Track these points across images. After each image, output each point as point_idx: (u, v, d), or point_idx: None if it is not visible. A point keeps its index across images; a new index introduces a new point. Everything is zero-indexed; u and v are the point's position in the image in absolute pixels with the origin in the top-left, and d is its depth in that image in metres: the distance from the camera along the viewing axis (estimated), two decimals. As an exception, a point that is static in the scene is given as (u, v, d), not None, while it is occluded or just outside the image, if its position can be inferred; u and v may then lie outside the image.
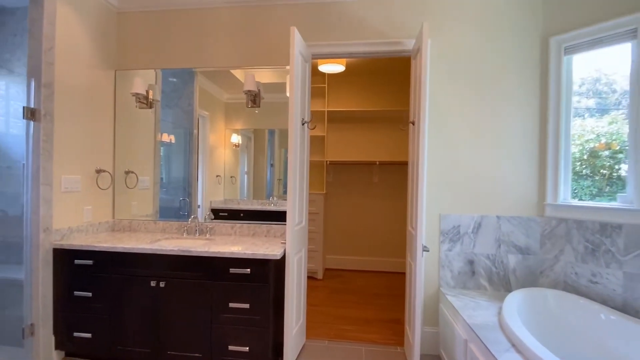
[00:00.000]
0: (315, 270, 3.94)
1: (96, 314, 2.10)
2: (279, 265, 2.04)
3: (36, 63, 2.02)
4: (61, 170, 2.16)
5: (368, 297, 3.41)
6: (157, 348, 2.05)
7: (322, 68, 3.76)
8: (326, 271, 4.32)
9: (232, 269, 1.97)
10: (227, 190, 2.67)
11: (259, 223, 2.53)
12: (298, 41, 2.03)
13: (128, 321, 2.07)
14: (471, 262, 2.30)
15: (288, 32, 2.44)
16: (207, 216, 2.59)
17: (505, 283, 2.28)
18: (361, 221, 4.44)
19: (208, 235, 2.49)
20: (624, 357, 1.64)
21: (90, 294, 2.10)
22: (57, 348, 2.14)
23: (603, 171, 2.13)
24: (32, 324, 2.03)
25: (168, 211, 2.67)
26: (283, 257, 2.04)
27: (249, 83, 2.44)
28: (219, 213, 2.62)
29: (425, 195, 2.30)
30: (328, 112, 4.22)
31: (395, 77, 4.26)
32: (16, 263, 2.38)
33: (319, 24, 2.45)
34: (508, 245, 2.27)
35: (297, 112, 2.05)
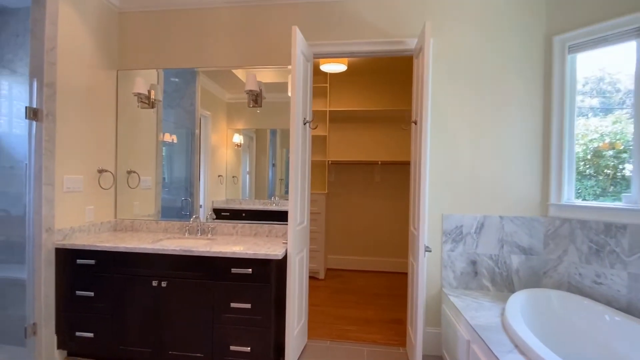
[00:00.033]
0: (316, 270, 3.93)
1: (98, 314, 2.10)
2: (281, 265, 2.04)
3: (38, 63, 2.02)
4: (63, 170, 2.17)
5: (370, 297, 3.40)
6: (159, 348, 2.05)
7: (324, 67, 3.75)
8: (328, 271, 4.31)
9: (234, 269, 1.97)
10: (229, 190, 2.67)
11: (261, 223, 2.52)
12: (300, 40, 2.03)
13: (130, 321, 2.08)
14: (474, 263, 2.29)
15: (290, 32, 2.43)
16: (209, 216, 2.59)
17: (508, 284, 2.27)
18: (363, 221, 4.43)
19: (210, 235, 2.49)
20: (629, 359, 1.62)
21: (92, 294, 2.10)
22: (60, 347, 2.15)
23: (607, 171, 2.12)
24: (35, 324, 2.04)
25: (170, 211, 2.67)
26: (285, 257, 2.04)
27: (251, 83, 2.43)
28: (221, 213, 2.62)
29: (427, 195, 2.30)
30: (330, 112, 4.21)
31: (397, 77, 4.25)
32: (19, 263, 2.38)
33: (321, 23, 2.45)
34: (511, 245, 2.26)
35: (299, 112, 2.05)
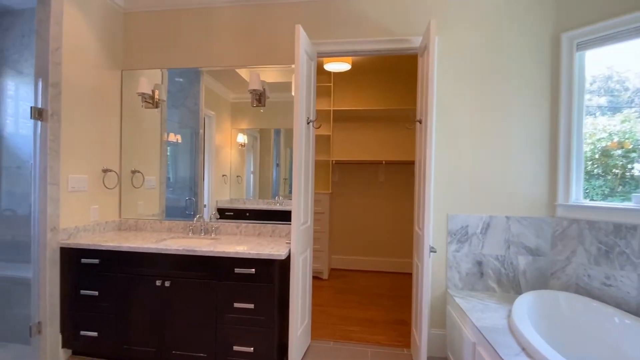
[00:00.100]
0: (320, 270, 3.92)
1: (102, 313, 2.11)
2: (284, 265, 2.03)
3: (43, 63, 2.03)
4: (68, 169, 2.17)
5: (373, 298, 3.38)
6: (162, 347, 2.05)
7: (328, 67, 3.74)
8: (331, 271, 4.30)
9: (237, 269, 1.97)
10: (233, 189, 2.67)
11: (265, 223, 2.52)
12: (303, 39, 2.01)
13: (134, 320, 2.08)
14: (479, 263, 2.26)
15: (293, 31, 2.42)
16: (213, 215, 2.59)
17: (514, 285, 2.23)
18: (367, 221, 4.41)
19: (213, 234, 2.49)
20: (639, 362, 1.59)
21: (96, 293, 2.11)
22: (64, 346, 2.16)
23: (615, 170, 2.08)
24: (40, 322, 2.05)
25: (174, 210, 2.67)
26: (288, 257, 2.02)
27: (254, 82, 2.43)
28: (225, 212, 2.61)
29: (432, 194, 2.28)
30: (334, 111, 4.19)
31: (401, 76, 4.22)
32: (24, 262, 2.40)
33: (325, 22, 2.43)
34: (518, 246, 2.23)
35: (303, 111, 2.03)
